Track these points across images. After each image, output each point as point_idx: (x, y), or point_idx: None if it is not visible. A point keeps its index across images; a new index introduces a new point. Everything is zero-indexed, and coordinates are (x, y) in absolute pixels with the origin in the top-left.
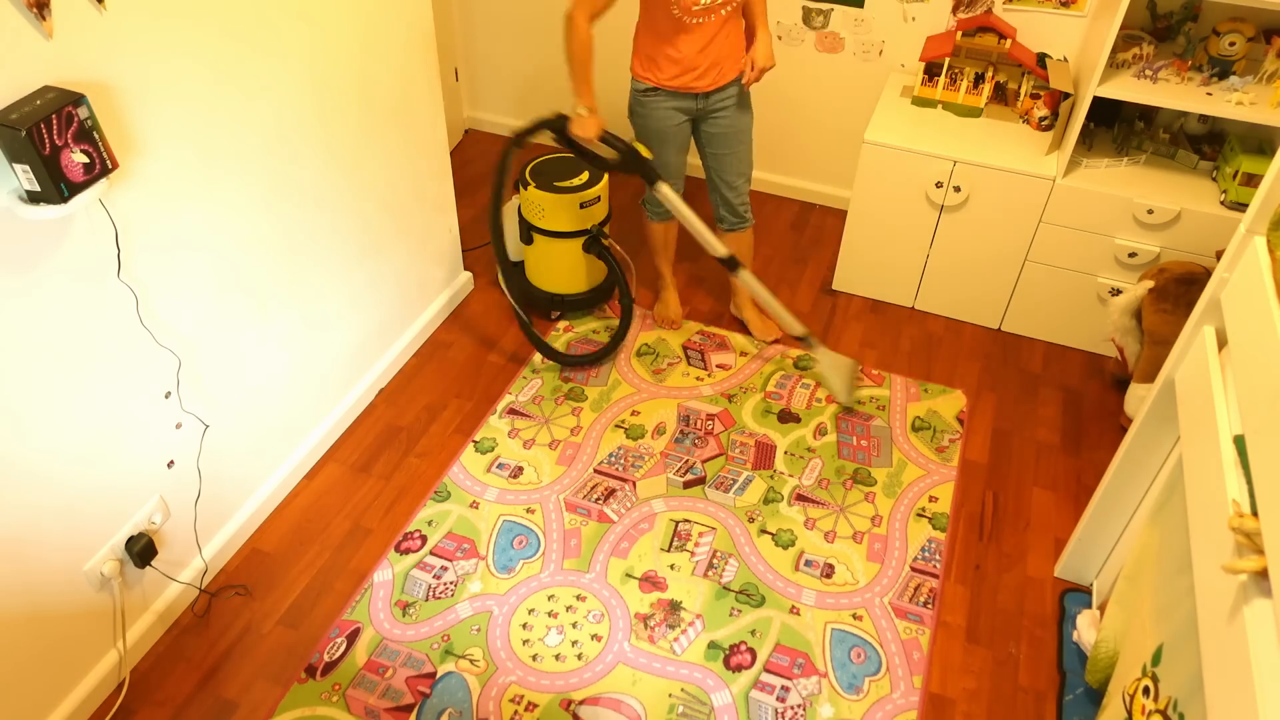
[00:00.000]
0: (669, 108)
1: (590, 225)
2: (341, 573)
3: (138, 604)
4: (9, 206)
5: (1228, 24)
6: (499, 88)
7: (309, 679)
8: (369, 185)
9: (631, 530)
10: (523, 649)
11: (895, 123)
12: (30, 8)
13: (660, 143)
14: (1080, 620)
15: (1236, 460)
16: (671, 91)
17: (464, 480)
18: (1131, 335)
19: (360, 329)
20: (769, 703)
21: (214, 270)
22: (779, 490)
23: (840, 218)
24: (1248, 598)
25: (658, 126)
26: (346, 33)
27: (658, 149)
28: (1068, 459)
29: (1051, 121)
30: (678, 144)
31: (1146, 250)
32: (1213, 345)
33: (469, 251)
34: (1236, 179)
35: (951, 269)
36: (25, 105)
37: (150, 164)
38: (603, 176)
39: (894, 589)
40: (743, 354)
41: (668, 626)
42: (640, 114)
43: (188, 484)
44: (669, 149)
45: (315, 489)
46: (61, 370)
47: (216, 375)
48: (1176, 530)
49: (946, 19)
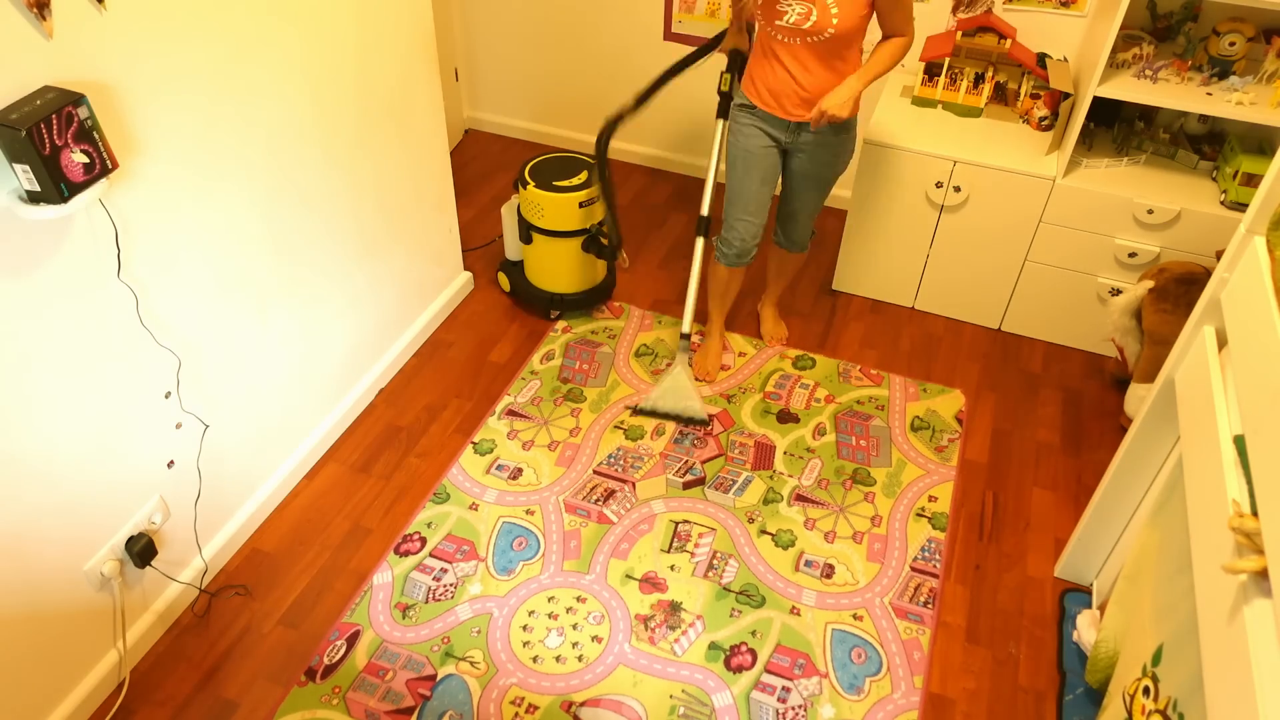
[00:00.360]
0: (756, 128)
1: (589, 225)
2: (342, 573)
3: (138, 604)
4: (9, 206)
5: (1228, 24)
6: (499, 88)
7: (309, 682)
8: (369, 185)
9: (631, 531)
10: (523, 651)
11: (895, 123)
12: (30, 8)
13: (743, 165)
14: (1080, 620)
15: (1236, 460)
16: (763, 113)
17: (463, 482)
18: (1131, 335)
19: (360, 329)
20: (770, 703)
21: (214, 270)
22: (778, 491)
23: (840, 218)
24: (1248, 598)
25: (743, 145)
26: (347, 33)
27: (739, 171)
28: (1068, 459)
29: (1051, 121)
30: (761, 172)
31: (1146, 250)
32: (1213, 345)
33: (469, 251)
34: (1236, 179)
35: (951, 269)
36: (25, 105)
37: (150, 164)
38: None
39: (894, 589)
40: (741, 354)
41: (668, 628)
42: (733, 129)
43: (188, 484)
44: (750, 174)
45: (315, 489)
46: (61, 370)
47: (216, 375)
48: (1176, 530)
49: (946, 19)
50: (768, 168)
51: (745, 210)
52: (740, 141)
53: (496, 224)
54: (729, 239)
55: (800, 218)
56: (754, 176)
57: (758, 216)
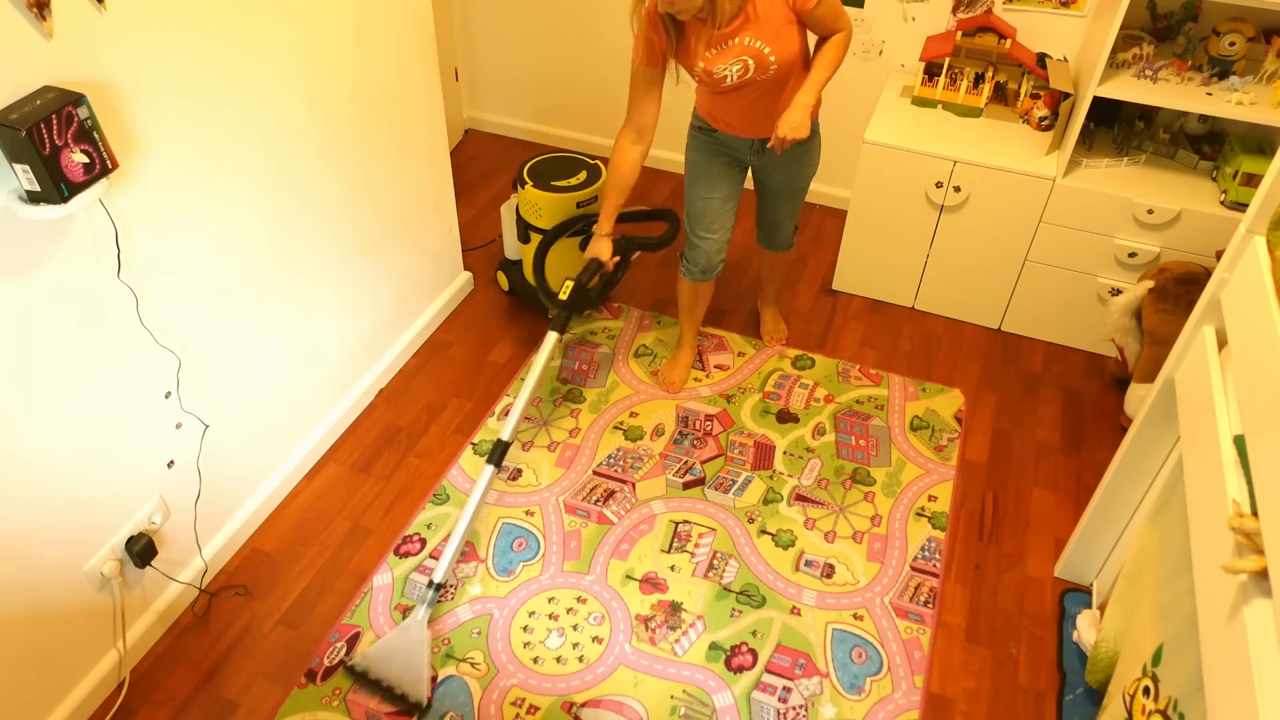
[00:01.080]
0: (716, 149)
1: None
2: (342, 573)
3: (138, 604)
4: (9, 206)
5: (1228, 24)
6: (499, 88)
7: (309, 683)
8: (369, 185)
9: (631, 532)
10: (524, 652)
11: (895, 123)
12: (30, 8)
13: (704, 183)
14: (1080, 620)
15: (1236, 460)
16: (724, 135)
17: (463, 483)
18: (1131, 335)
19: (360, 329)
20: (771, 703)
21: (214, 270)
22: (778, 490)
23: (840, 218)
24: (1248, 598)
25: (703, 166)
26: (347, 33)
27: (700, 190)
28: (1068, 459)
29: (1051, 121)
30: (723, 191)
31: (1146, 250)
32: (1213, 345)
33: (469, 251)
34: (1236, 179)
35: (951, 269)
36: (25, 105)
37: (150, 164)
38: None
39: (894, 589)
40: (740, 354)
41: (669, 628)
42: (693, 147)
43: (188, 484)
44: (712, 192)
45: (315, 489)
46: (61, 370)
47: (216, 375)
48: (1176, 530)
49: (946, 19)
50: (730, 184)
51: (708, 228)
52: (700, 160)
53: (496, 224)
54: (693, 257)
55: (781, 224)
56: (715, 193)
57: (721, 233)
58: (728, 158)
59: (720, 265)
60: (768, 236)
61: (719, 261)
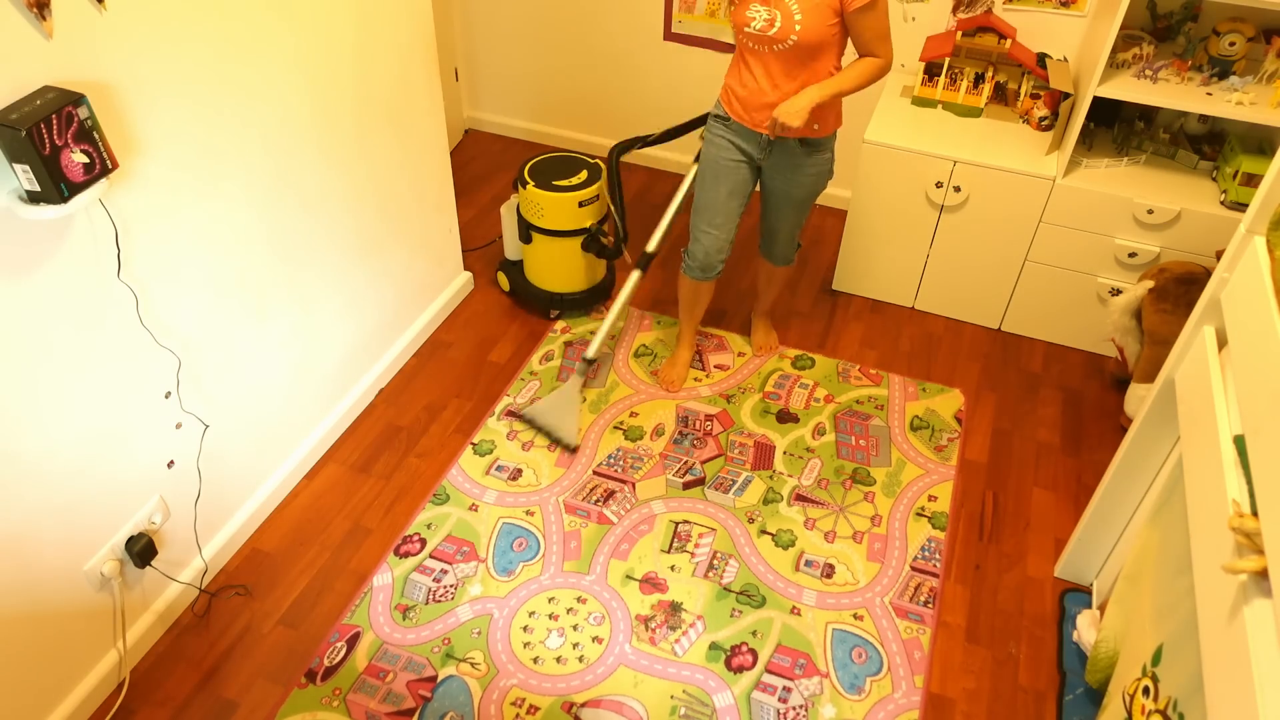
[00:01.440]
0: (729, 141)
1: (589, 224)
2: (342, 573)
3: (138, 604)
4: (9, 206)
5: (1228, 24)
6: (499, 88)
7: (309, 684)
8: (369, 185)
9: (631, 532)
10: (524, 652)
11: (895, 123)
12: (30, 8)
13: (711, 176)
14: (1080, 620)
15: (1236, 460)
16: (737, 125)
17: (463, 483)
18: (1131, 335)
19: (360, 329)
20: (771, 703)
21: (214, 270)
22: (778, 490)
23: (840, 218)
24: (1248, 598)
25: (713, 156)
26: (346, 33)
27: (707, 182)
28: (1068, 459)
29: (1051, 121)
30: (729, 185)
31: (1146, 250)
32: (1213, 345)
33: (469, 252)
34: (1236, 179)
35: (951, 269)
36: (25, 105)
37: (150, 164)
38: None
39: (894, 588)
40: (740, 354)
41: (669, 628)
42: (706, 139)
43: (188, 484)
44: (718, 185)
45: (315, 489)
46: (62, 370)
47: (216, 375)
48: (1176, 530)
49: (946, 19)
50: (737, 181)
51: (710, 222)
52: (711, 153)
53: (496, 224)
54: (693, 251)
55: (780, 235)
56: (722, 188)
57: (724, 230)
58: (740, 153)
59: (719, 266)
60: (766, 246)
61: (718, 262)
